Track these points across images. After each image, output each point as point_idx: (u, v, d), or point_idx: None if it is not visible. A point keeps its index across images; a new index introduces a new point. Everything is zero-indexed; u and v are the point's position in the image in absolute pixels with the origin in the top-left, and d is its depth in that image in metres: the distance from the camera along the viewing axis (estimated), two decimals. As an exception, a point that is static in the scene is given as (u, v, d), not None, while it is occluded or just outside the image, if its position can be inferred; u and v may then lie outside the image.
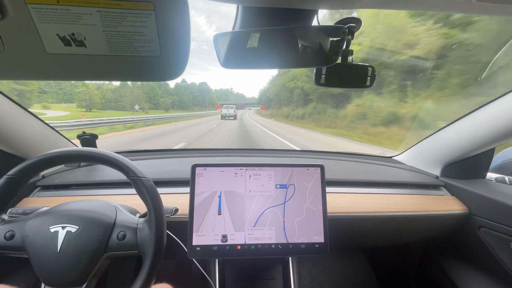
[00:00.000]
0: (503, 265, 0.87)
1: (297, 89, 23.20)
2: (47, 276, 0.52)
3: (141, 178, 0.56)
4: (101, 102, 43.71)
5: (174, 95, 73.00)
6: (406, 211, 0.93)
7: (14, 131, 0.83)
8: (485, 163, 1.01)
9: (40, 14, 0.32)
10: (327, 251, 0.76)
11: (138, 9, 0.33)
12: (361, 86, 0.62)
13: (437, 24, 6.96)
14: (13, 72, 0.39)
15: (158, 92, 65.11)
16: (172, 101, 69.58)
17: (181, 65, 0.41)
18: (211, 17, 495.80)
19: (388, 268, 1.38)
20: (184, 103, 79.08)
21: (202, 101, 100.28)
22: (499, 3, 0.37)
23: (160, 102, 59.63)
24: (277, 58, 0.53)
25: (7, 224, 0.55)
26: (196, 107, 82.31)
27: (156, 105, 62.49)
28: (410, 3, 0.41)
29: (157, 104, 63.66)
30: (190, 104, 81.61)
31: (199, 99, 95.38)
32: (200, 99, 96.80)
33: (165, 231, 0.57)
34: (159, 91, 67.55)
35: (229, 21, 0.61)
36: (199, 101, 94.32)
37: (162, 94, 65.98)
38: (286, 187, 0.78)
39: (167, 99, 63.93)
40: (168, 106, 62.96)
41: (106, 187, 0.94)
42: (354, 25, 0.51)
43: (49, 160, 0.56)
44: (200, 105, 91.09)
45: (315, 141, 8.44)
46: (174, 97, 74.62)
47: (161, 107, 58.58)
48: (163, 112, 42.17)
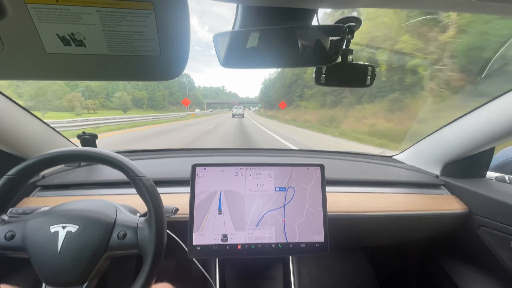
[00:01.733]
0: (503, 264, 0.87)
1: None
2: (47, 276, 0.52)
3: (141, 177, 0.56)
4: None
5: (143, 90, 49.84)
6: (406, 210, 0.93)
7: (14, 131, 0.83)
8: (485, 162, 1.01)
9: (39, 14, 0.32)
10: (327, 251, 0.76)
11: (137, 9, 0.33)
12: (361, 86, 0.62)
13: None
14: (12, 72, 0.39)
15: (120, 86, 43.19)
16: (134, 98, 46.26)
17: (181, 64, 0.41)
18: (203, 18, 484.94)
19: (388, 267, 1.38)
20: (157, 101, 55.92)
21: (182, 99, 71.69)
22: (499, 3, 0.37)
23: (114, 99, 40.20)
24: (277, 58, 0.53)
25: (7, 224, 0.55)
26: (173, 107, 56.92)
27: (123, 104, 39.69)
28: (410, 2, 0.41)
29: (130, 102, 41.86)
30: (165, 103, 58.50)
31: (177, 96, 66.45)
32: (178, 96, 67.34)
33: (166, 231, 0.57)
34: (121, 84, 42.48)
35: (221, 21, 0.61)
36: (178, 98, 65.86)
37: (123, 88, 43.60)
38: (285, 189, 0.78)
39: (125, 94, 41.60)
40: (126, 104, 40.83)
41: (106, 187, 0.93)
42: (354, 24, 0.51)
43: (49, 160, 0.56)
44: (179, 103, 63.70)
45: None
46: (142, 92, 50.06)
47: (118, 106, 39.19)
48: (119, 113, 31.12)
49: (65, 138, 1.06)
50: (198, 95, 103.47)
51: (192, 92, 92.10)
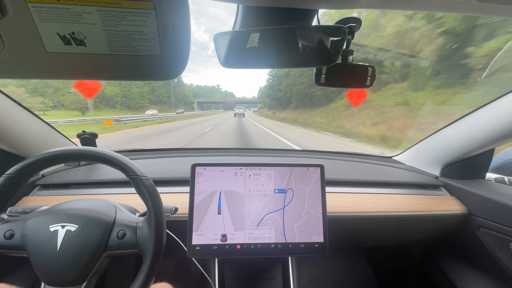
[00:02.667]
0: (502, 265, 0.87)
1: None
2: (46, 275, 0.52)
3: (141, 177, 0.56)
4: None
5: (115, 85, 36.31)
6: (405, 211, 0.93)
7: (14, 130, 0.83)
8: (485, 163, 1.01)
9: (40, 13, 0.32)
10: (327, 251, 0.76)
11: (138, 8, 0.33)
12: (361, 86, 0.62)
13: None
14: (13, 71, 0.39)
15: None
16: (104, 95, 32.51)
17: (181, 64, 0.41)
18: (199, 18, 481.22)
19: (387, 267, 1.38)
20: (133, 99, 42.58)
21: (167, 98, 58.26)
22: (499, 4, 0.37)
23: (64, 98, 25.37)
24: (277, 58, 0.53)
25: (7, 223, 0.55)
26: (155, 106, 44.30)
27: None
28: (410, 3, 0.41)
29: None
30: (144, 101, 45.59)
31: (160, 94, 52.82)
32: (162, 93, 53.97)
33: (165, 230, 0.57)
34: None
35: (218, 22, 0.60)
36: (161, 96, 53.41)
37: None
38: (284, 191, 0.78)
39: (70, 94, 25.25)
40: (83, 103, 23.76)
41: (105, 186, 0.93)
42: (354, 25, 0.51)
43: (48, 159, 0.56)
44: (163, 103, 52.53)
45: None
46: (114, 88, 36.25)
47: (71, 106, 25.43)
48: (76, 115, 21.08)
49: (65, 137, 1.06)
50: (186, 92, 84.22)
51: (179, 89, 73.16)
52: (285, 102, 29.15)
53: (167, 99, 58.79)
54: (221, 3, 0.41)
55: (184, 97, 75.99)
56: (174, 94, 62.71)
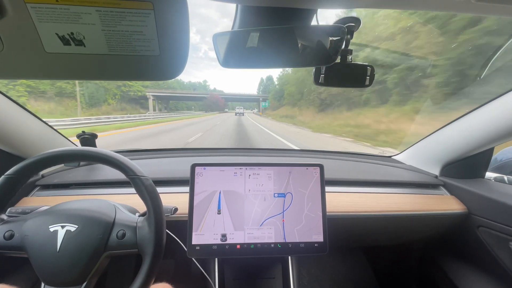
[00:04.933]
0: (502, 264, 0.87)
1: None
2: (46, 276, 0.52)
3: (141, 177, 0.56)
4: None
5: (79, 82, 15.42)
6: (405, 210, 0.93)
7: (14, 130, 0.83)
8: (484, 162, 1.02)
9: (39, 14, 0.32)
10: (327, 251, 0.76)
11: (137, 9, 0.33)
12: (360, 86, 0.62)
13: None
14: (12, 71, 0.39)
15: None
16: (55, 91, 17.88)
17: (180, 64, 0.41)
18: (191, 20, 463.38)
19: (387, 267, 1.38)
20: (100, 97, 26.13)
21: (142, 96, 40.37)
22: (498, 3, 0.37)
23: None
24: (276, 58, 0.53)
25: (7, 223, 0.55)
26: (127, 106, 32.82)
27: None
28: (410, 3, 0.41)
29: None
30: (112, 97, 28.64)
31: (131, 90, 35.97)
32: (134, 91, 36.95)
33: (165, 230, 0.57)
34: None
35: (210, 24, 0.60)
36: (132, 93, 36.98)
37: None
38: (284, 195, 0.78)
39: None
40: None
41: (105, 186, 0.93)
42: (353, 25, 0.51)
43: (48, 160, 0.56)
44: (136, 102, 38.57)
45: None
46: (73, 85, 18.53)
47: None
48: None
49: (65, 137, 1.06)
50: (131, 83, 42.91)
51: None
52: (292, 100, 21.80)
53: (142, 97, 40.58)
54: (213, 4, 0.41)
55: (128, 88, 38.87)
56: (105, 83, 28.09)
